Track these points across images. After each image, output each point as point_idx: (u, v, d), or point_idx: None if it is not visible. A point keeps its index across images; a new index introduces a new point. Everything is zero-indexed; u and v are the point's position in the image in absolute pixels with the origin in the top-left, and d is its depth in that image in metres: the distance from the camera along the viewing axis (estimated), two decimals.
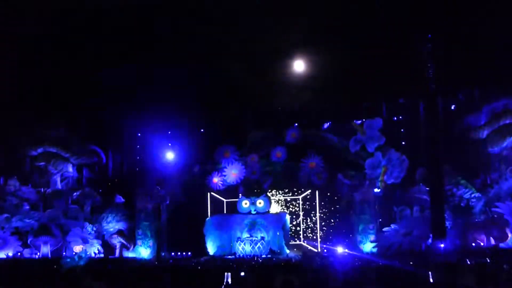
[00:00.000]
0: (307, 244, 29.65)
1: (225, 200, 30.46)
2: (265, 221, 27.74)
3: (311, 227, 29.93)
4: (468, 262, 18.98)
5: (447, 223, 25.22)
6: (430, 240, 24.77)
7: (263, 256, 26.34)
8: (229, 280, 13.77)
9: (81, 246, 26.57)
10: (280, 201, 30.50)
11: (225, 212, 30.16)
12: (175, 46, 26.40)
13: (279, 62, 27.99)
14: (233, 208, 29.21)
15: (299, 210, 30.15)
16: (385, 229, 26.67)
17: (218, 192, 30.08)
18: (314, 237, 29.79)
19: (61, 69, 26.99)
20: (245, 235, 27.43)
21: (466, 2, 23.90)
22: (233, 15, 25.46)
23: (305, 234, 29.99)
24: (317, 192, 29.90)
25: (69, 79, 27.24)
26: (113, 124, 29.86)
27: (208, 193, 30.30)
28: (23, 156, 28.98)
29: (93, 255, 26.57)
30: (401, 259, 21.28)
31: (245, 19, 25.48)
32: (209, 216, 29.57)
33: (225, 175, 28.93)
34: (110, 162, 30.63)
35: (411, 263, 19.06)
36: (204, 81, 27.57)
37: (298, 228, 30.00)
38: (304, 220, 30.07)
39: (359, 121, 28.16)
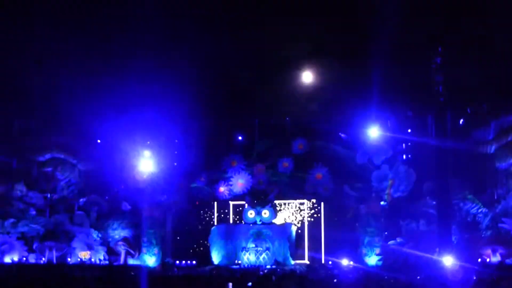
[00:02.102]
0: (312, 255, 29.50)
1: (231, 202, 30.34)
2: (270, 231, 27.69)
3: (316, 239, 29.78)
4: (474, 278, 18.84)
5: (453, 238, 25.09)
6: (436, 254, 24.63)
7: (268, 266, 26.29)
8: None
9: (87, 252, 26.63)
10: (285, 210, 30.40)
11: (231, 221, 30.16)
12: (182, 51, 26.43)
13: (288, 72, 28.05)
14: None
15: (304, 220, 30.04)
16: (390, 242, 26.56)
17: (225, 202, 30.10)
18: (319, 248, 29.64)
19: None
20: (250, 245, 27.41)
21: (476, 16, 23.92)
22: (242, 23, 25.55)
23: (310, 246, 29.83)
24: (322, 203, 29.81)
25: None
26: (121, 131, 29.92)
27: (215, 202, 30.30)
28: (31, 162, 29.07)
29: (98, 262, 26.62)
30: (407, 272, 21.16)
31: (254, 28, 25.56)
32: (215, 225, 29.57)
33: (231, 185, 28.92)
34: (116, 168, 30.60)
35: (417, 277, 18.96)
36: (212, 90, 27.61)
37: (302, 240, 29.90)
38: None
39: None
